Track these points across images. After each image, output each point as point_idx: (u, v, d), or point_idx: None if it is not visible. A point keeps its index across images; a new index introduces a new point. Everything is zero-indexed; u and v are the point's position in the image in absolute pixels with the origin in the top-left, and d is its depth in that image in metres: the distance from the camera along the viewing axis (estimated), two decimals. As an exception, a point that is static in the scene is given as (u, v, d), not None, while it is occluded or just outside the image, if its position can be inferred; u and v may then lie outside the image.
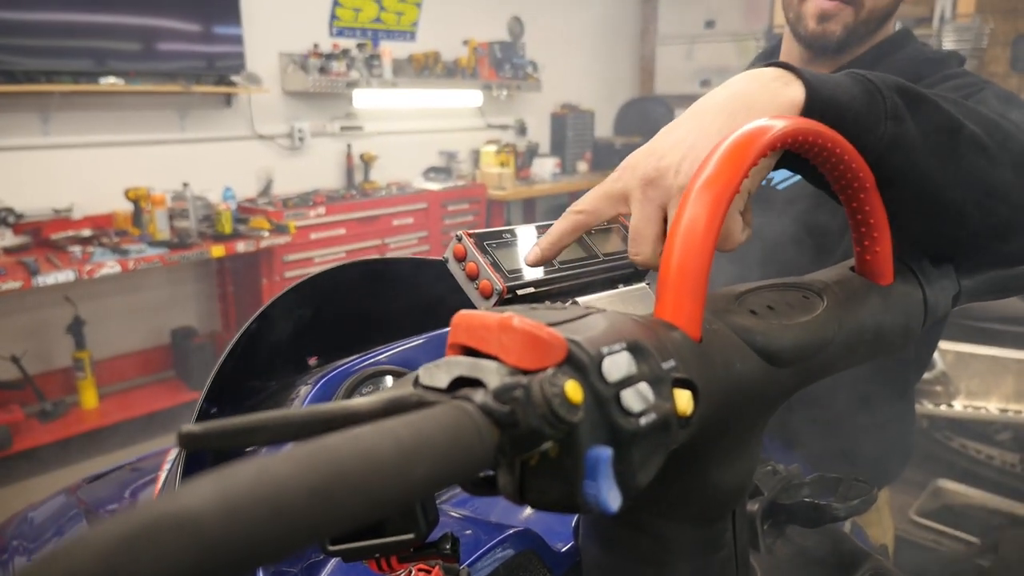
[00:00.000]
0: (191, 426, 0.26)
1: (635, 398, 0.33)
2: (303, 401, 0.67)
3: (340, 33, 4.11)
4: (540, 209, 5.33)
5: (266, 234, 3.25)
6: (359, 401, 0.30)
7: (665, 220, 0.53)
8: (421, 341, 0.78)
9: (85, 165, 3.22)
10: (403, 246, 4.06)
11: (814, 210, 0.96)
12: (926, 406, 2.32)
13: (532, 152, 5.02)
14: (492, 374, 0.33)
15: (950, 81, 0.91)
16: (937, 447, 2.54)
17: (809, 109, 0.53)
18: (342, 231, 3.75)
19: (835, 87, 0.53)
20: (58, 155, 3.14)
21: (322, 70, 3.81)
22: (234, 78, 3.51)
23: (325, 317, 0.83)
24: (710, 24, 5.45)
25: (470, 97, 4.72)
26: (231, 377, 0.77)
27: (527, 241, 0.61)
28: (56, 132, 3.12)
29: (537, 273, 0.58)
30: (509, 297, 0.56)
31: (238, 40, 3.49)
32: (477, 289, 0.57)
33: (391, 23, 4.34)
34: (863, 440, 1.03)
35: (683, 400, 0.35)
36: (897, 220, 0.54)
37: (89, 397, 3.16)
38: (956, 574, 2.06)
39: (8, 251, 2.88)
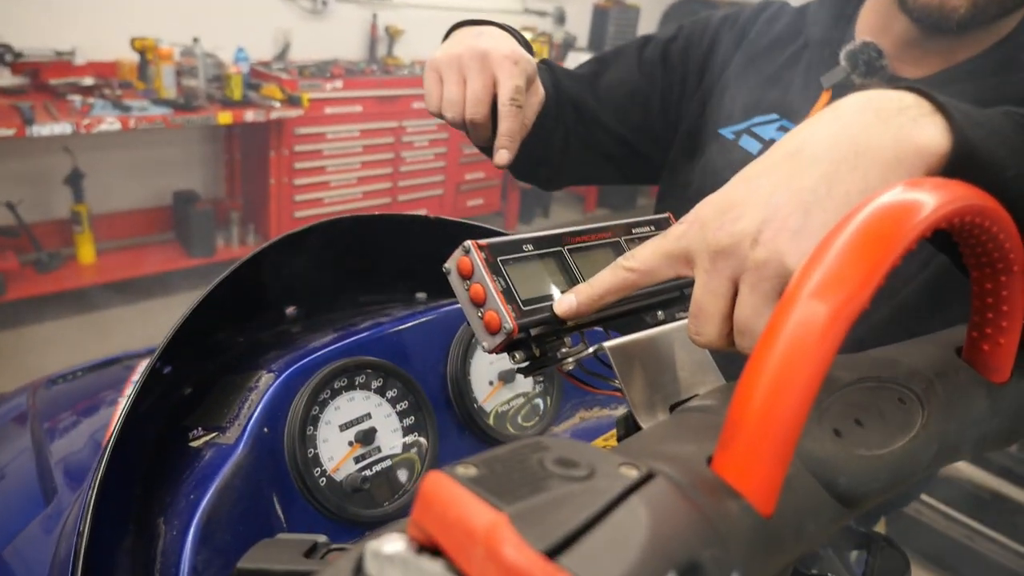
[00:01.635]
0: None
1: None
2: (262, 395, 0.56)
3: None
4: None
5: (277, 104, 3.06)
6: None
7: (735, 295, 0.40)
8: (404, 327, 0.66)
9: (90, 4, 2.99)
10: (419, 131, 3.86)
11: None
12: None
13: (568, 45, 4.71)
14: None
15: None
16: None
17: (951, 163, 0.38)
18: (358, 108, 3.55)
19: (991, 133, 0.39)
20: (61, -9, 2.91)
21: (353, -73, 3.48)
22: (257, -75, 3.21)
23: (307, 267, 0.71)
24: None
25: (510, -24, 4.37)
26: (193, 328, 0.66)
27: (554, 261, 0.49)
28: (60, -35, 2.88)
29: (561, 301, 0.45)
30: (521, 337, 0.44)
31: None
32: (481, 320, 0.44)
33: None
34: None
35: None
36: None
37: (86, 251, 3.08)
38: None
39: (4, 92, 2.72)
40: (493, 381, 0.71)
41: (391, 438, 0.62)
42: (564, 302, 0.45)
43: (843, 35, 0.88)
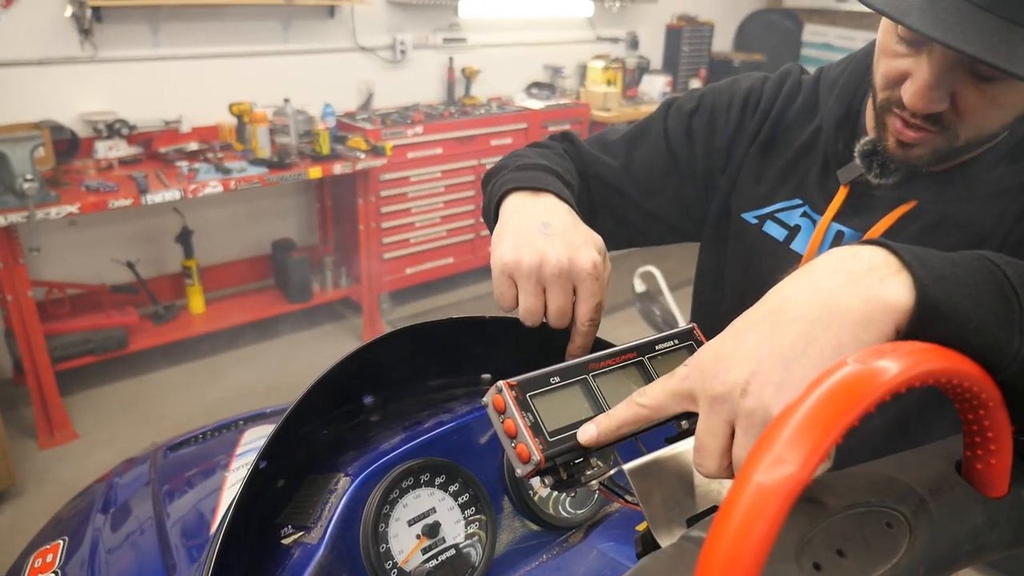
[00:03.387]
0: None
1: None
2: (340, 497, 0.65)
3: (447, -63, 3.90)
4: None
5: (363, 155, 3.24)
6: None
7: (732, 434, 0.45)
8: (463, 424, 0.74)
9: (192, 77, 3.27)
10: (500, 167, 3.98)
11: None
12: None
13: (643, 69, 4.73)
14: None
15: None
16: None
17: (916, 318, 0.42)
18: (439, 150, 3.70)
19: (955, 287, 0.43)
20: (167, 66, 3.20)
21: (426, -21, 3.65)
22: (337, -12, 3.42)
23: (389, 361, 0.80)
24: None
25: (580, 6, 4.44)
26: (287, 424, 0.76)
27: (579, 389, 0.55)
28: (166, 43, 3.16)
29: (584, 431, 0.52)
30: (550, 465, 0.51)
31: (342, -53, 3.38)
32: (514, 450, 0.51)
33: (502, -75, 4.08)
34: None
35: None
36: None
37: (197, 302, 3.34)
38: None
39: (123, 162, 3.00)
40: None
41: (454, 529, 0.69)
42: (587, 432, 0.52)
43: (854, 124, 0.89)
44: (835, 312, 0.43)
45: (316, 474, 0.71)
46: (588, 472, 0.53)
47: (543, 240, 0.69)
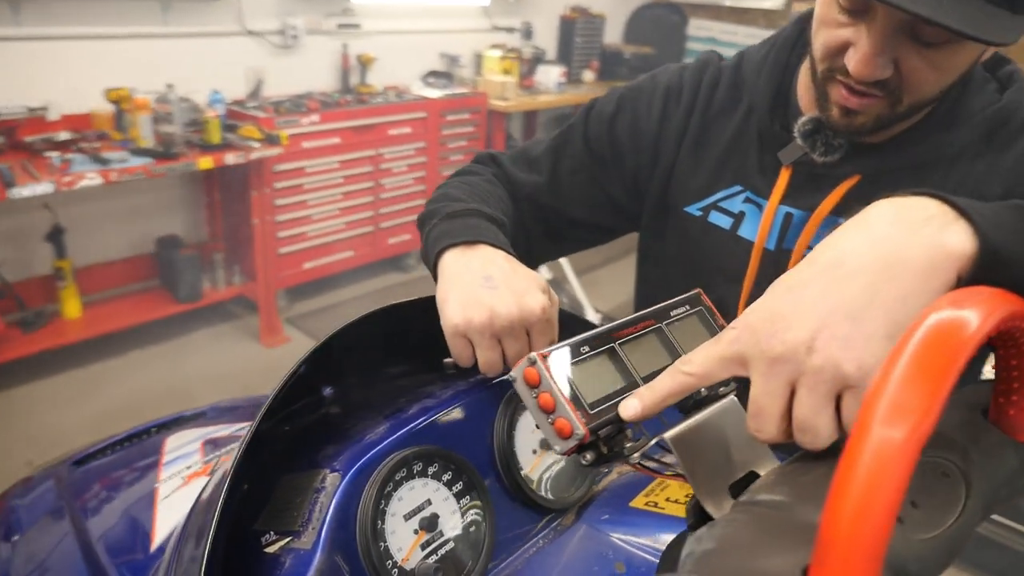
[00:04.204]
0: None
1: None
2: (331, 496, 0.58)
3: (337, -82, 3.76)
4: (541, 120, 5.11)
5: (256, 145, 3.07)
6: None
7: (791, 395, 0.43)
8: (452, 409, 0.69)
9: (60, 60, 2.98)
10: (399, 157, 3.89)
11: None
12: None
13: (538, 59, 4.76)
14: None
15: None
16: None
17: (978, 264, 0.42)
18: (336, 140, 3.56)
19: (1010, 234, 0.42)
20: (29, 48, 2.89)
21: (317, -39, 3.50)
22: (221, -33, 3.22)
23: (346, 351, 0.74)
24: (736, -73, 5.07)
25: (475, -4, 4.41)
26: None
27: (609, 358, 0.52)
28: (28, 22, 2.86)
29: (627, 405, 0.48)
30: (591, 441, 0.47)
31: (226, -77, 3.18)
32: (552, 425, 0.47)
33: (393, -92, 3.97)
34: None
35: None
36: None
37: (72, 306, 3.06)
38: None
39: (-20, 153, 2.70)
40: (536, 450, 0.74)
41: (451, 520, 0.64)
42: (630, 407, 0.48)
43: (786, 104, 0.89)
44: (898, 262, 0.42)
45: (290, 473, 0.64)
46: (628, 445, 0.50)
47: (488, 295, 0.70)
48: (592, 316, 3.57)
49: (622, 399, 0.49)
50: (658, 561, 0.51)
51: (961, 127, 0.81)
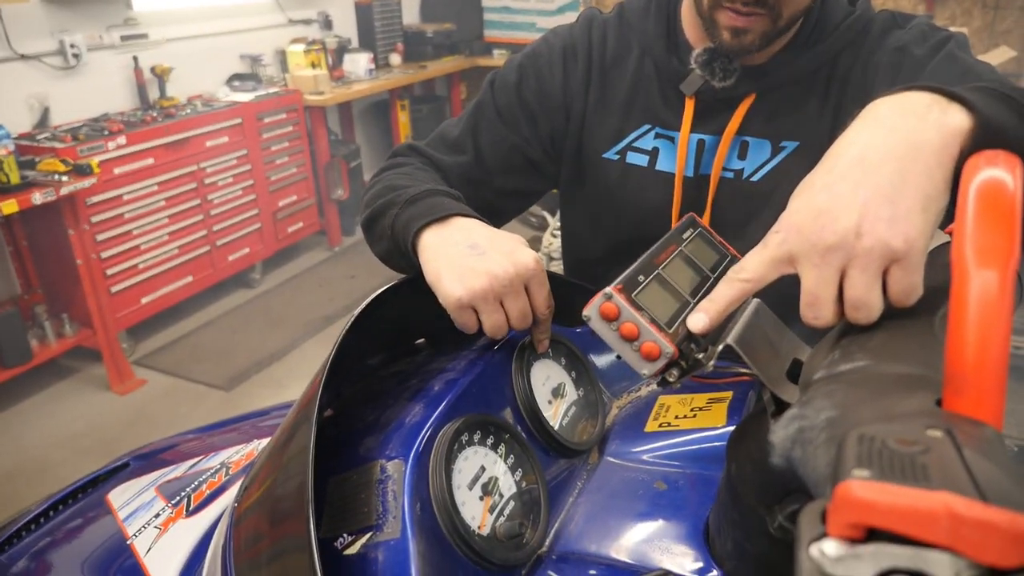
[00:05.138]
0: None
1: None
2: (401, 483, 0.58)
3: (99, -80, 3.42)
4: (357, 111, 5.01)
5: (65, 178, 2.76)
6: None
7: (841, 281, 0.49)
8: (474, 376, 0.70)
9: None
10: (222, 168, 3.66)
11: None
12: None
13: (343, 48, 4.64)
14: (945, 569, 0.29)
15: (914, 34, 0.90)
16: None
17: (974, 135, 0.50)
18: (150, 160, 3.29)
19: (991, 108, 0.51)
20: None
21: (88, -31, 3.18)
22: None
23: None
24: None
25: (266, -10, 4.21)
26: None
27: (658, 283, 0.55)
28: None
29: (695, 321, 0.52)
30: (678, 357, 0.51)
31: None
32: (638, 352, 0.50)
33: (159, -96, 3.68)
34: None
35: None
36: None
37: None
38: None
39: None
40: (551, 400, 0.76)
41: (507, 481, 0.65)
42: (699, 320, 0.52)
43: (676, 40, 0.97)
44: (917, 145, 0.49)
45: (341, 475, 0.62)
46: (700, 356, 0.54)
47: (481, 261, 0.71)
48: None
49: (685, 316, 0.53)
50: (727, 446, 0.55)
51: (828, 38, 0.92)
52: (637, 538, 0.63)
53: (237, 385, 3.15)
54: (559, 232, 1.24)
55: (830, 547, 0.31)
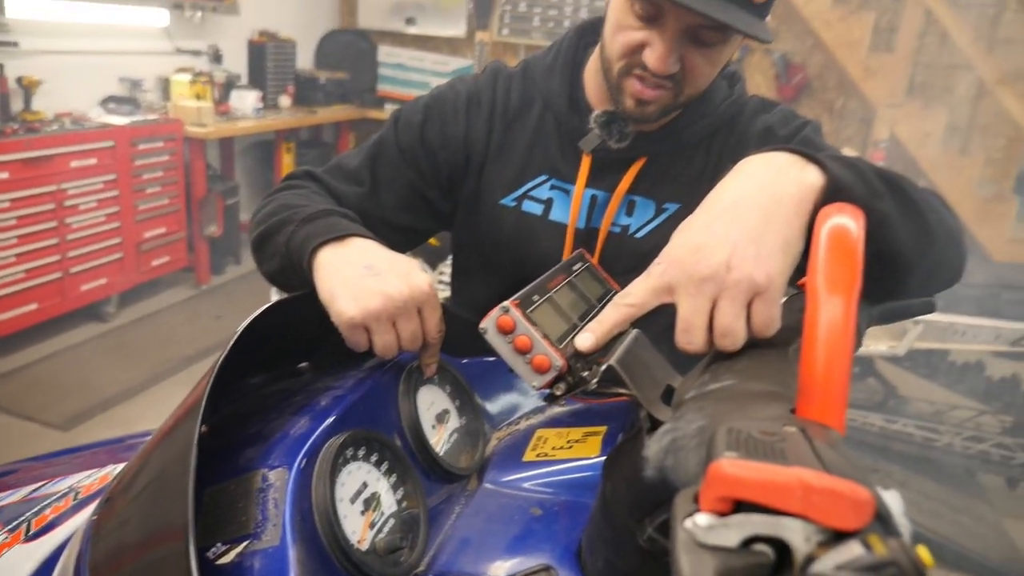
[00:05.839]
0: None
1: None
2: (283, 491, 0.57)
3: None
4: (239, 148, 4.89)
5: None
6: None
7: (712, 310, 0.55)
8: (361, 394, 0.70)
9: None
10: (86, 192, 3.45)
11: None
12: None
13: (231, 83, 4.55)
14: (797, 533, 0.33)
15: (779, 117, 1.02)
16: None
17: (825, 192, 0.58)
18: (5, 175, 3.06)
19: (843, 169, 0.59)
20: None
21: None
22: None
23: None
24: (415, -40, 5.37)
25: (155, 15, 4.09)
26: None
27: (550, 305, 0.59)
28: None
29: (582, 339, 0.56)
30: (567, 372, 0.54)
31: None
32: (531, 364, 0.53)
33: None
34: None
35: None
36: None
37: None
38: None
39: None
40: (435, 425, 0.77)
41: (388, 498, 0.65)
42: (586, 339, 0.56)
43: (578, 100, 1.04)
44: (780, 197, 0.56)
45: (220, 485, 0.60)
46: (585, 374, 0.58)
47: (377, 282, 0.72)
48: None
49: (573, 336, 0.57)
50: (602, 468, 0.59)
51: (709, 116, 1.02)
52: (512, 559, 0.65)
53: (77, 425, 2.90)
54: (448, 269, 1.26)
55: (702, 519, 0.34)
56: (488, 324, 0.54)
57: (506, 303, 0.54)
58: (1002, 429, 2.96)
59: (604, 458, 0.70)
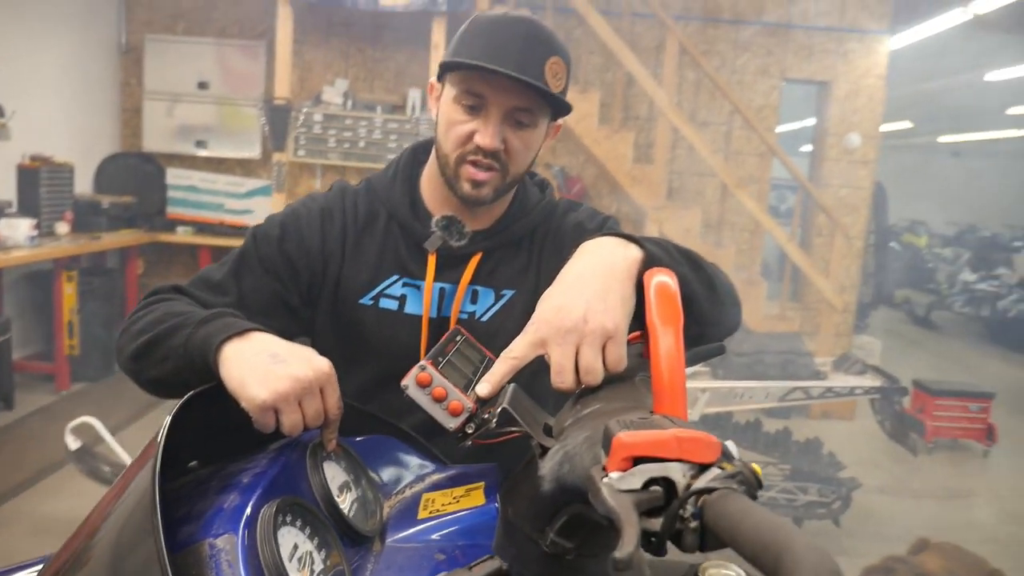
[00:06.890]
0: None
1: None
2: (234, 553, 0.63)
3: None
4: (9, 281, 4.48)
5: None
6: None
7: (576, 355, 0.72)
8: (277, 471, 0.78)
9: None
10: None
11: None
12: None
13: (0, 211, 4.21)
14: (677, 471, 0.50)
15: (586, 214, 1.25)
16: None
17: (644, 262, 0.79)
18: None
19: (653, 247, 0.81)
20: None
21: None
22: None
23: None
24: (203, 85, 5.40)
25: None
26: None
27: (451, 364, 0.73)
28: None
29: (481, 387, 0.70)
30: (474, 413, 0.68)
31: None
32: (446, 409, 0.66)
33: None
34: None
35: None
36: None
37: None
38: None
39: None
40: (339, 495, 0.85)
41: (316, 557, 0.73)
42: (484, 387, 0.71)
43: (418, 207, 1.20)
44: (614, 267, 0.76)
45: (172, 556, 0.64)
46: (486, 416, 0.71)
47: (283, 368, 0.80)
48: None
49: (472, 387, 0.71)
50: (500, 498, 0.72)
51: (528, 215, 1.23)
52: (427, 600, 0.75)
53: None
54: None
55: (614, 475, 0.50)
56: (409, 381, 0.67)
57: (422, 362, 0.67)
58: (783, 476, 3.44)
59: (491, 505, 0.82)
